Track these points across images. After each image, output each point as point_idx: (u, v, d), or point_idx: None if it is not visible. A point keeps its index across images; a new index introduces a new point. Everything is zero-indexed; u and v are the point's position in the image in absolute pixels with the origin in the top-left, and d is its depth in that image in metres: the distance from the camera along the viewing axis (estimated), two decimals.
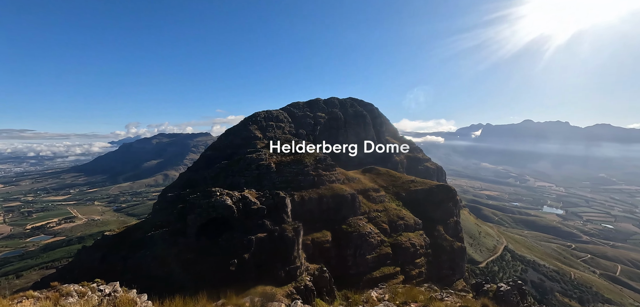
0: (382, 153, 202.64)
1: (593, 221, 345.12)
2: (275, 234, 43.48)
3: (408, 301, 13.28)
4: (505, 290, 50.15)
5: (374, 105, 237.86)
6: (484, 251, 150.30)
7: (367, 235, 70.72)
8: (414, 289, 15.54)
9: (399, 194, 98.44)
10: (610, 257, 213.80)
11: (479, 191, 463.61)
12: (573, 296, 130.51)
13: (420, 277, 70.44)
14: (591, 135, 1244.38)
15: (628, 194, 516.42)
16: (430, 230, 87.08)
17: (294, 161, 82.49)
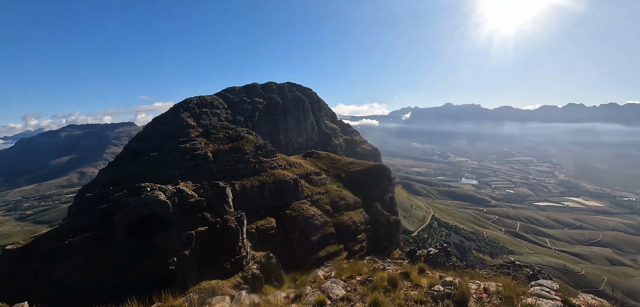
0: (322, 138, 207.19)
1: (499, 188, 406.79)
2: (217, 226, 41.50)
3: (353, 274, 13.88)
4: (434, 253, 55.99)
5: (312, 89, 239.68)
6: (415, 222, 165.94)
7: (311, 217, 72.29)
8: (358, 263, 16.33)
9: (339, 175, 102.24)
10: (512, 216, 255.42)
11: (410, 168, 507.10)
12: (485, 251, 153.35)
13: (362, 251, 74.99)
14: (497, 116, 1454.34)
15: (524, 164, 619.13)
16: (369, 207, 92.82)
17: (233, 148, 79.22)
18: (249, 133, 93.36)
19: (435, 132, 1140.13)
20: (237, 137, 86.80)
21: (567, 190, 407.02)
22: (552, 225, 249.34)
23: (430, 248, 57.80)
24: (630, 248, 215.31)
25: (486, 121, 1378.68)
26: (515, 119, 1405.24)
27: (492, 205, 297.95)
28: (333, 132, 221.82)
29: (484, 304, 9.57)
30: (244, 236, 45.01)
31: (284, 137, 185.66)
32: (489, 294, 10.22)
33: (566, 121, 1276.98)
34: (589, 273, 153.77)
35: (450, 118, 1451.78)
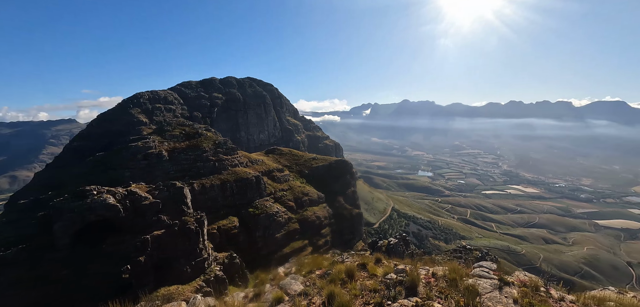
0: (284, 134, 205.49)
1: (452, 178, 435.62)
2: (175, 229, 39.27)
3: (314, 269, 14.20)
4: (394, 243, 58.60)
5: (274, 85, 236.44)
6: (376, 214, 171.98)
7: (275, 214, 71.52)
8: (319, 258, 16.80)
9: (302, 171, 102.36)
10: (463, 204, 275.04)
11: (371, 162, 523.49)
12: (441, 238, 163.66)
13: (327, 245, 75.97)
14: (449, 112, 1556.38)
15: (473, 156, 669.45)
16: (332, 201, 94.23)
17: (191, 146, 75.45)
18: (207, 130, 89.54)
19: (393, 127, 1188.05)
20: (194, 134, 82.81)
21: (509, 179, 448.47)
22: (497, 211, 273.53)
23: (391, 238, 60.38)
24: (561, 228, 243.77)
25: (439, 117, 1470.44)
26: (465, 114, 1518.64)
27: (446, 195, 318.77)
28: (295, 128, 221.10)
29: (431, 287, 10.16)
30: (205, 237, 43.19)
31: (245, 134, 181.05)
32: (437, 278, 10.90)
33: (508, 117, 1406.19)
34: (528, 252, 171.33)
35: (407, 114, 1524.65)
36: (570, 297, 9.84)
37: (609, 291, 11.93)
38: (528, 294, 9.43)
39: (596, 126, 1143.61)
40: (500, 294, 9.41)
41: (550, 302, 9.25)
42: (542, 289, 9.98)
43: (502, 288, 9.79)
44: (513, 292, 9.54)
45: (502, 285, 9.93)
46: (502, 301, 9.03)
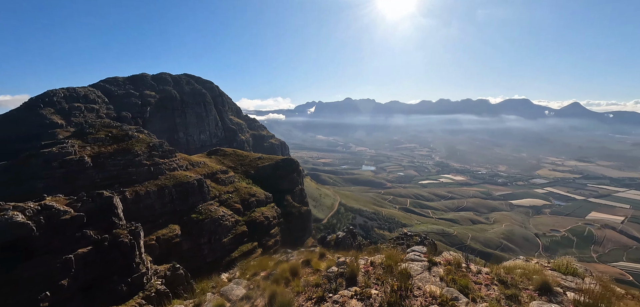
0: (227, 134, 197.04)
1: (392, 171, 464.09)
2: (104, 244, 34.72)
3: (258, 271, 14.23)
4: (342, 236, 60.15)
5: (214, 82, 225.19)
6: (325, 209, 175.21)
7: (221, 218, 68.18)
8: (264, 259, 16.46)
9: (247, 172, 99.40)
10: (403, 195, 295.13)
11: (317, 159, 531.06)
12: (385, 228, 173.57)
13: (277, 245, 74.91)
14: (388, 109, 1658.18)
15: (410, 150, 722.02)
16: (280, 201, 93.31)
17: (120, 150, 67.68)
18: (139, 131, 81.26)
19: (338, 124, 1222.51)
20: (124, 136, 74.45)
21: (441, 169, 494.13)
22: (433, 198, 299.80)
23: (339, 232, 62.01)
24: (484, 209, 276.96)
25: (380, 114, 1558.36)
26: (402, 112, 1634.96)
27: (388, 187, 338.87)
28: (239, 127, 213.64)
29: (370, 275, 10.84)
30: (142, 250, 39.07)
31: (184, 135, 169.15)
32: (375, 266, 11.61)
33: (438, 113, 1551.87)
34: (459, 233, 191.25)
35: (350, 111, 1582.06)
36: (485, 269, 11.34)
37: (519, 260, 13.71)
38: (451, 271, 10.69)
39: (508, 120, 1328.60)
40: (429, 274, 10.63)
41: (470, 276, 10.51)
42: (463, 265, 11.34)
43: (430, 268, 11.03)
44: (440, 271, 10.77)
45: (431, 265, 11.20)
46: (430, 280, 10.18)
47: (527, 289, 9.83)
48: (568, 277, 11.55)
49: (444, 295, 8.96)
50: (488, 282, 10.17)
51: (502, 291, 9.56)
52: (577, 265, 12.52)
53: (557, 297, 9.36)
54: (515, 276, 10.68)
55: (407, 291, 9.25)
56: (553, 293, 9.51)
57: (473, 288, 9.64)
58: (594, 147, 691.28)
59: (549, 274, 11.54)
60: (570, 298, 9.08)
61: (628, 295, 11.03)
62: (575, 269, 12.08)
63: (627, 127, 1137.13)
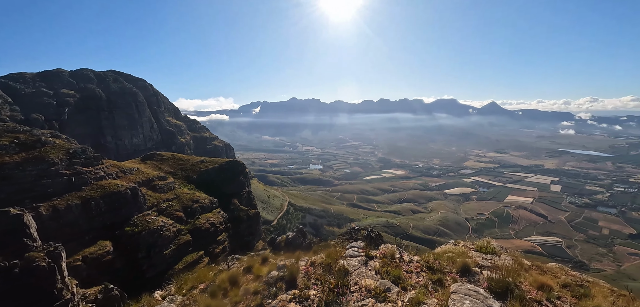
0: (164, 137, 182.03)
1: (339, 169, 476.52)
2: (14, 271, 29.06)
3: (196, 284, 13.67)
4: (291, 236, 59.49)
5: (147, 81, 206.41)
6: (274, 211, 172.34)
7: (160, 229, 62.33)
8: (203, 270, 15.75)
9: (189, 177, 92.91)
10: (350, 191, 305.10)
11: (264, 160, 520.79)
12: (334, 224, 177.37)
13: (225, 251, 71.13)
14: (333, 109, 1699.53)
15: (354, 147, 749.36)
16: (227, 205, 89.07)
17: (30, 159, 57.62)
18: (55, 137, 70.22)
19: (284, 124, 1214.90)
20: (35, 142, 63.60)
21: (384, 164, 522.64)
22: (377, 193, 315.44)
23: (289, 233, 61.35)
24: (423, 200, 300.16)
25: (325, 113, 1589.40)
26: (346, 111, 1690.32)
27: (336, 184, 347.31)
28: (178, 129, 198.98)
29: (310, 276, 10.97)
30: (65, 273, 33.62)
31: (112, 139, 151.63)
32: (315, 266, 11.78)
33: (379, 112, 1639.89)
34: (402, 223, 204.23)
35: (296, 111, 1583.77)
36: (416, 257, 12.14)
37: (450, 245, 14.98)
38: (386, 263, 11.29)
39: (439, 118, 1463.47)
40: (366, 268, 11.05)
41: (402, 266, 11.14)
42: (397, 256, 12.03)
43: (367, 262, 11.50)
44: (375, 264, 11.28)
45: (368, 260, 11.70)
46: (366, 274, 10.58)
47: (451, 272, 10.68)
48: (488, 256, 12.90)
49: (377, 288, 9.43)
50: (418, 269, 10.90)
51: (430, 276, 10.29)
52: (495, 244, 14.12)
53: (474, 276, 10.37)
54: (442, 261, 11.57)
55: (343, 288, 9.56)
56: (472, 273, 10.51)
57: (405, 277, 10.30)
58: (507, 140, 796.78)
59: (472, 254, 12.85)
60: (485, 276, 10.04)
61: (533, 266, 12.73)
62: (493, 248, 13.61)
63: (532, 123, 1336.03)
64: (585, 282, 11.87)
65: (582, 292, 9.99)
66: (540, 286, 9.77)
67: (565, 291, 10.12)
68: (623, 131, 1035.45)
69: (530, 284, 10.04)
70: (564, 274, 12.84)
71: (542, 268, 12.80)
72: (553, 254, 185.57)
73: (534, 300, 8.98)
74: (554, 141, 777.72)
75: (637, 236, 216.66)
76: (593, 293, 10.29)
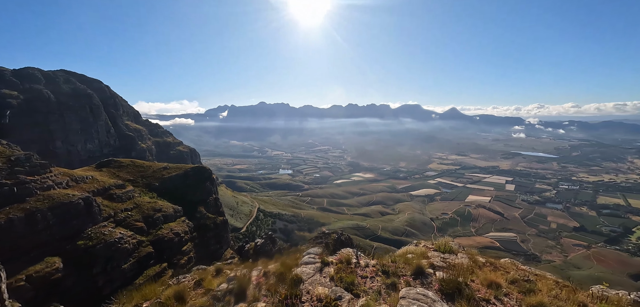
0: (123, 142, 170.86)
1: (309, 173, 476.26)
2: None
3: (141, 302, 12.76)
4: (260, 243, 58.16)
5: (103, 82, 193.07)
6: (243, 217, 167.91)
7: (118, 242, 57.90)
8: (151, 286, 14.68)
9: (151, 184, 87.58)
10: (320, 195, 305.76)
11: (232, 166, 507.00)
12: (305, 229, 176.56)
13: (190, 262, 67.66)
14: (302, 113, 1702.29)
15: (324, 152, 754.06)
16: (192, 213, 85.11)
17: None
18: None
19: (252, 129, 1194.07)
20: None
21: (353, 168, 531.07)
22: (347, 196, 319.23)
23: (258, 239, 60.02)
24: (391, 201, 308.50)
25: (294, 118, 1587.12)
26: (316, 115, 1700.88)
27: (306, 189, 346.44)
28: (138, 134, 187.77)
29: (261, 287, 10.63)
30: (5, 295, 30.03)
31: (63, 145, 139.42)
32: (268, 276, 11.46)
33: (348, 117, 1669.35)
34: (372, 225, 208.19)
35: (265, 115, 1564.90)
36: (373, 261, 12.03)
37: (411, 246, 15.21)
38: (341, 268, 11.18)
39: (405, 123, 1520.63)
40: (320, 276, 10.92)
41: (358, 271, 11.07)
42: (353, 261, 11.90)
43: (322, 269, 11.36)
44: (331, 271, 11.15)
45: (323, 266, 11.56)
46: (320, 281, 10.44)
47: (405, 275, 10.75)
48: (446, 255, 13.24)
49: (329, 296, 9.33)
50: (373, 274, 10.85)
51: (384, 281, 10.30)
52: (453, 244, 14.56)
53: (427, 278, 10.50)
54: (399, 264, 11.63)
55: (294, 298, 9.33)
56: (425, 275, 10.65)
57: (358, 283, 10.22)
58: (467, 144, 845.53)
59: (431, 255, 13.12)
60: (438, 277, 10.18)
61: (487, 263, 13.17)
62: (451, 247, 14.01)
63: (488, 127, 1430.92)
64: (532, 276, 12.50)
65: (528, 288, 10.34)
66: (489, 284, 10.05)
67: (513, 287, 10.44)
68: (565, 134, 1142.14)
69: (481, 282, 10.29)
70: (514, 269, 13.47)
71: (495, 264, 13.29)
72: (509, 248, 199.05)
73: (483, 299, 9.17)
74: (507, 144, 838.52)
75: (580, 228, 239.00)
76: (538, 287, 10.74)
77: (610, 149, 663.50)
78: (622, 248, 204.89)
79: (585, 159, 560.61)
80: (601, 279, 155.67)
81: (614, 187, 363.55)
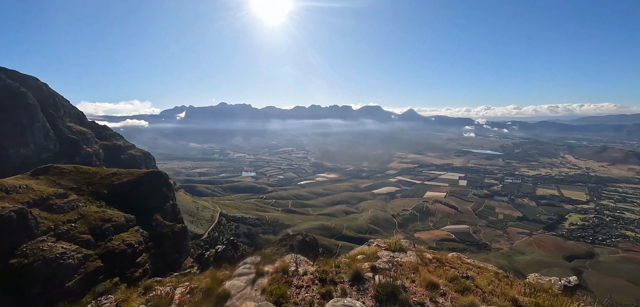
0: (65, 146, 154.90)
1: (273, 175, 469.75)
2: None
3: None
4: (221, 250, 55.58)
5: (40, 80, 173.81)
6: (204, 224, 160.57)
7: (60, 257, 52.02)
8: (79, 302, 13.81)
9: (99, 192, 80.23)
10: (285, 197, 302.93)
11: (191, 170, 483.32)
12: (270, 232, 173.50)
13: (146, 274, 62.89)
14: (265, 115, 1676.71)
15: (287, 153, 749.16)
16: (147, 221, 79.50)
17: None
18: None
19: (212, 131, 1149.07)
20: None
21: (317, 169, 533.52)
22: (311, 197, 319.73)
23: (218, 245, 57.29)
24: (354, 200, 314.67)
25: (256, 119, 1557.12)
26: (278, 117, 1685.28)
27: (270, 191, 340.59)
28: (83, 137, 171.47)
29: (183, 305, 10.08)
30: None
31: None
32: (194, 293, 10.87)
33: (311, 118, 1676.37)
34: (336, 224, 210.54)
35: (226, 117, 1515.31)
36: (312, 268, 11.55)
37: (365, 246, 15.01)
38: (276, 279, 10.62)
39: (366, 123, 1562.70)
40: (252, 288, 10.36)
41: (294, 280, 10.52)
42: (291, 270, 11.32)
43: (255, 281, 10.81)
44: (264, 282, 10.63)
45: (257, 277, 11.01)
46: (250, 295, 9.95)
47: (343, 282, 10.29)
48: (396, 254, 13.20)
49: None
50: (310, 282, 10.36)
51: (319, 289, 9.81)
52: (403, 242, 14.58)
53: (364, 283, 10.04)
54: (342, 269, 11.13)
55: None
56: (362, 280, 10.19)
57: (291, 294, 9.71)
58: (424, 143, 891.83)
59: (382, 254, 13.06)
60: (376, 281, 9.73)
61: (434, 259, 13.34)
62: (401, 245, 13.97)
63: (443, 127, 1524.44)
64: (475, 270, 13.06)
65: (465, 286, 10.35)
66: (428, 285, 9.97)
67: (451, 285, 10.44)
68: (509, 133, 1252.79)
69: (420, 283, 10.18)
70: (459, 263, 13.95)
71: (442, 260, 13.53)
72: (464, 239, 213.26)
73: (418, 303, 9.02)
74: (459, 143, 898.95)
75: (523, 218, 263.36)
76: (477, 282, 11.01)
77: (546, 146, 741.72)
78: (558, 233, 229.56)
79: (526, 156, 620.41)
80: (542, 262, 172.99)
81: (550, 180, 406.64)
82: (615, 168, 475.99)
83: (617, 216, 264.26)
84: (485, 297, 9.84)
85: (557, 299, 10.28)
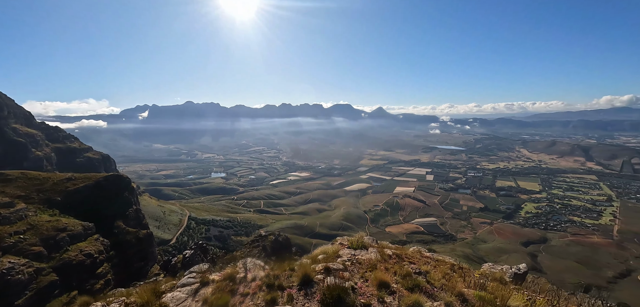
0: (10, 150, 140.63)
1: (244, 175, 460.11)
2: None
3: None
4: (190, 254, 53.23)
5: None
6: (172, 228, 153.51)
7: (8, 273, 46.89)
8: None
9: (51, 200, 73.57)
10: (256, 197, 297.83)
11: (156, 172, 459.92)
12: (242, 233, 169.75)
13: (109, 286, 58.63)
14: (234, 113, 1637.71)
15: (258, 152, 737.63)
16: (108, 229, 74.11)
17: None
18: None
19: (179, 130, 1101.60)
20: None
21: (288, 168, 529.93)
22: (284, 196, 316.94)
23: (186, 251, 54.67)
24: (327, 198, 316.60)
25: (225, 118, 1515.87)
26: (248, 115, 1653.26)
27: (241, 192, 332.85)
28: (32, 140, 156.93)
29: None
30: None
31: None
32: None
33: (282, 117, 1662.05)
34: (310, 223, 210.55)
35: (192, 116, 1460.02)
36: (262, 274, 11.22)
37: (327, 245, 14.95)
38: (222, 288, 10.33)
39: (337, 122, 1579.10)
40: (193, 300, 10.03)
41: (240, 288, 10.31)
42: (239, 276, 11.07)
43: (198, 291, 10.46)
44: (208, 292, 10.30)
45: (201, 287, 10.66)
46: None
47: (291, 286, 10.10)
48: (357, 251, 13.22)
49: None
50: (256, 290, 10.14)
51: (265, 297, 9.57)
52: (366, 239, 14.68)
53: (312, 287, 9.84)
54: (294, 272, 10.90)
55: None
56: (311, 284, 9.99)
57: (234, 303, 9.48)
58: (393, 140, 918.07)
59: (343, 253, 13.09)
60: (325, 284, 9.48)
61: (394, 255, 13.38)
62: (363, 242, 14.05)
63: (410, 124, 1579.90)
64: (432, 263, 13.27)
65: (416, 283, 10.29)
66: (380, 283, 9.89)
67: (402, 282, 10.37)
68: (471, 130, 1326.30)
69: (372, 281, 10.11)
70: (419, 256, 14.23)
71: (402, 255, 13.62)
72: (432, 231, 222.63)
73: (364, 304, 8.92)
74: (426, 139, 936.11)
75: (485, 208, 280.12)
76: (430, 277, 11.14)
77: (503, 141, 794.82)
78: (515, 221, 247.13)
79: (486, 150, 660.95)
80: (502, 249, 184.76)
81: (507, 172, 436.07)
82: (563, 160, 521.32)
83: (566, 203, 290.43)
84: (433, 293, 9.87)
85: (502, 288, 10.55)
